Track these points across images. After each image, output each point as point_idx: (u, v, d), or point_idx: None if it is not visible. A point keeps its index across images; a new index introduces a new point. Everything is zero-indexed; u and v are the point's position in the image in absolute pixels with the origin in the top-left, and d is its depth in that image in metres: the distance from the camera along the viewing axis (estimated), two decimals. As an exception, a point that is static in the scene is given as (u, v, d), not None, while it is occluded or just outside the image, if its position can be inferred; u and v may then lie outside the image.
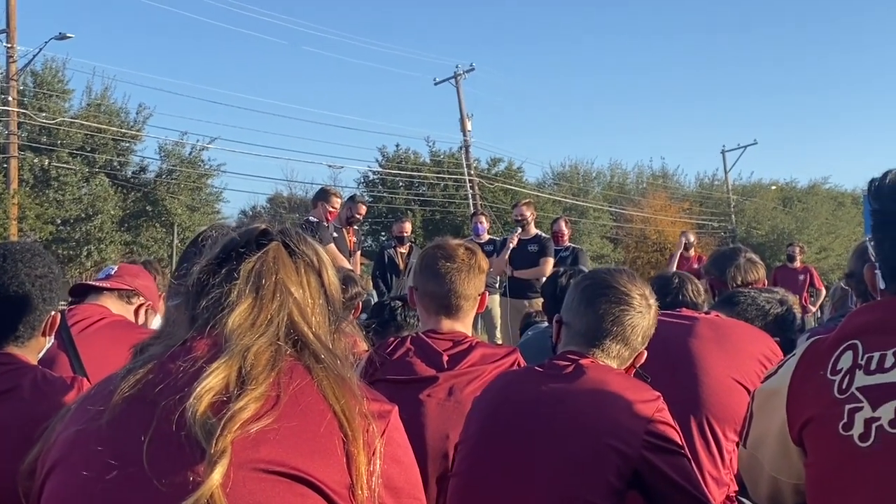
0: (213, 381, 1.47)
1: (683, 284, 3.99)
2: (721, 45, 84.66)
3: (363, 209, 10.94)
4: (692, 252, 14.03)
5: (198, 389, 1.45)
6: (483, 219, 11.79)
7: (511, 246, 10.58)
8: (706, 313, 3.45)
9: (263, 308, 1.62)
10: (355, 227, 10.76)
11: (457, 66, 37.14)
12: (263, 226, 1.74)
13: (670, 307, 3.67)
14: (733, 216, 48.73)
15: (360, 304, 5.08)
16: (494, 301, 10.92)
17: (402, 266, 10.86)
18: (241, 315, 1.59)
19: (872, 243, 2.08)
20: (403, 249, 11.13)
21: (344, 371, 1.64)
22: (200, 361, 1.52)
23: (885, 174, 2.05)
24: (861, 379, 1.91)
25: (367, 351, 3.31)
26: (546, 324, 5.39)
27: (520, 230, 10.87)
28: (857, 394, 1.90)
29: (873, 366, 1.91)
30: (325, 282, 1.75)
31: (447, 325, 3.16)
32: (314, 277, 1.73)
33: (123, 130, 30.70)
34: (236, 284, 1.63)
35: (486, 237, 11.39)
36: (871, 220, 2.08)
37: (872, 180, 2.08)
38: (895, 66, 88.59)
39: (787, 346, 3.34)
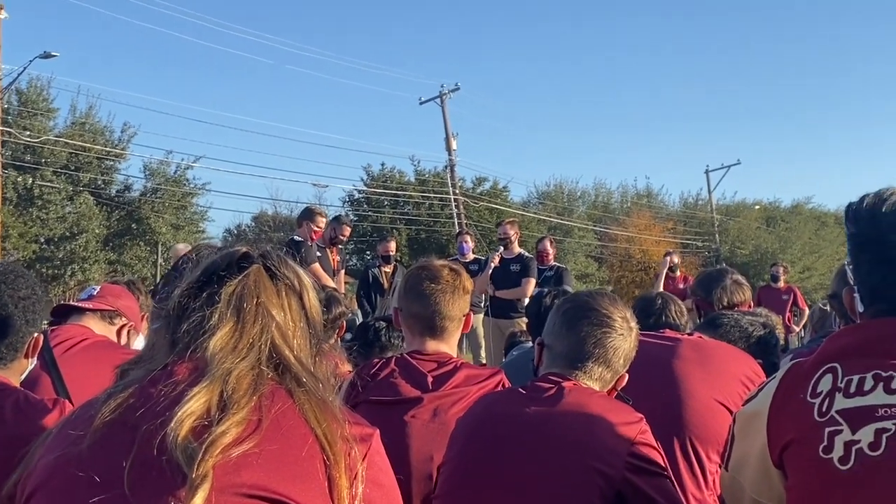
0: (194, 405, 1.47)
1: (666, 305, 4.00)
2: (705, 64, 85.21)
3: (347, 230, 10.95)
4: (678, 272, 14.08)
5: (179, 414, 1.45)
6: (468, 238, 11.81)
7: (493, 265, 10.59)
8: (689, 334, 3.47)
9: (245, 332, 1.62)
10: (339, 246, 10.75)
11: (442, 86, 37.34)
12: (244, 249, 1.74)
13: (653, 328, 3.68)
14: (717, 235, 48.92)
15: (345, 323, 5.08)
16: (478, 320, 10.92)
17: (386, 285, 10.83)
18: (223, 339, 1.59)
19: (851, 266, 2.10)
20: (388, 269, 11.10)
21: (326, 394, 1.64)
22: (181, 386, 1.52)
23: (863, 198, 2.07)
24: (841, 402, 1.92)
25: (351, 372, 3.31)
26: (531, 344, 5.40)
27: (502, 249, 10.88)
28: (837, 417, 1.91)
29: (853, 389, 1.92)
30: (307, 304, 1.75)
31: (432, 345, 3.16)
32: (295, 300, 1.73)
33: (108, 149, 30.64)
34: (217, 308, 1.62)
35: (471, 256, 11.40)
36: (849, 243, 2.10)
37: (850, 204, 2.10)
38: (877, 87, 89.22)
39: (770, 369, 3.35)
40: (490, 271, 10.55)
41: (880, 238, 1.99)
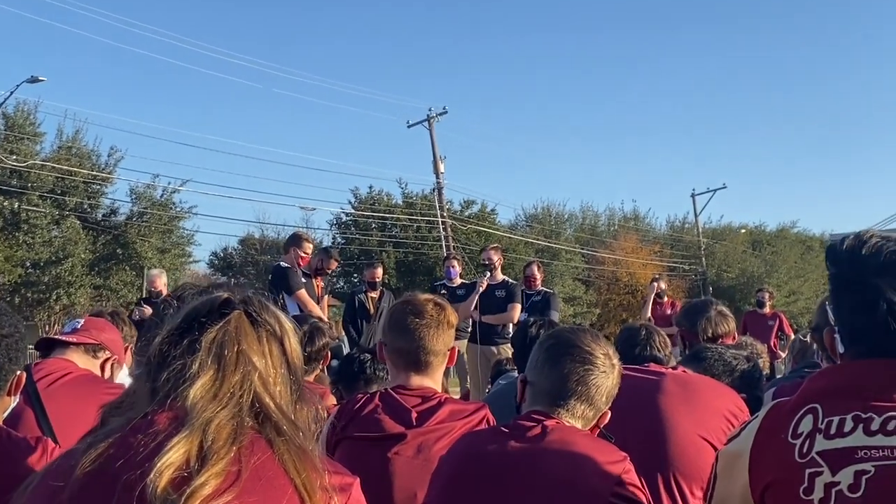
0: (173, 456, 1.46)
1: (650, 336, 4.02)
2: (691, 89, 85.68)
3: (334, 265, 10.99)
4: (665, 298, 14.12)
5: (158, 465, 1.44)
6: (455, 262, 11.80)
7: (480, 290, 10.58)
8: (673, 368, 3.47)
9: (225, 379, 1.61)
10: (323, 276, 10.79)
11: (430, 109, 37.47)
12: (226, 294, 1.73)
13: (638, 359, 3.69)
14: (704, 259, 49.06)
15: (329, 352, 5.09)
16: (463, 346, 10.91)
17: (372, 311, 10.81)
18: (203, 387, 1.58)
19: (832, 307, 2.11)
20: (374, 294, 11.10)
21: (306, 443, 1.63)
22: (161, 436, 1.51)
23: (843, 239, 2.08)
24: (821, 443, 1.93)
25: (336, 405, 3.30)
26: (517, 373, 5.40)
27: (489, 274, 10.87)
28: (818, 458, 1.92)
29: (833, 430, 1.93)
30: (287, 350, 1.74)
31: (416, 380, 3.16)
32: (276, 346, 1.73)
33: (94, 173, 30.59)
34: (198, 356, 1.62)
35: (458, 281, 11.42)
36: (830, 283, 2.11)
37: (832, 245, 2.11)
38: (861, 110, 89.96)
39: (754, 403, 3.36)
40: (476, 297, 10.55)
41: (861, 280, 2.00)
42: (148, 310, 10.00)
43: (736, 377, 3.54)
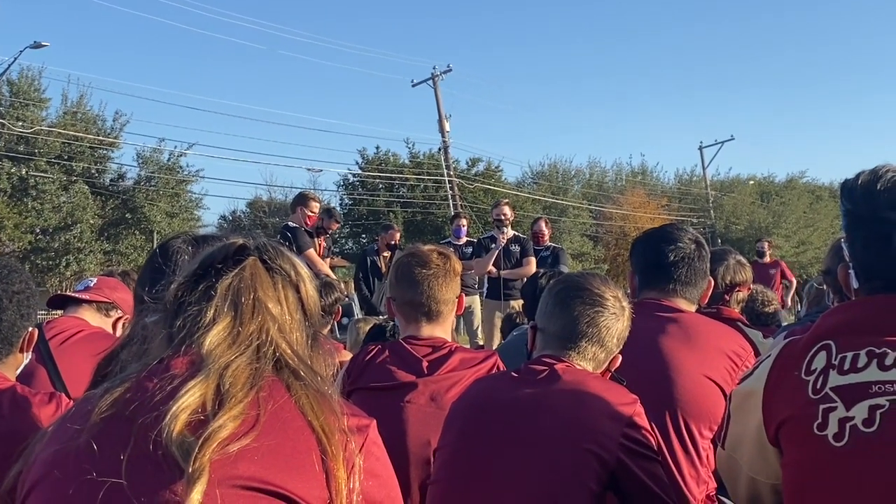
0: (189, 399, 1.47)
1: None
2: (698, 41, 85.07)
3: (335, 225, 11.13)
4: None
5: (173, 409, 1.44)
6: (463, 221, 11.85)
7: (501, 245, 10.59)
8: None
9: (242, 326, 1.61)
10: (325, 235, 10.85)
11: (434, 68, 37.14)
12: (240, 241, 1.72)
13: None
14: (712, 212, 48.93)
15: (340, 308, 5.14)
16: (475, 302, 10.94)
17: (384, 269, 10.87)
18: (220, 334, 1.58)
19: (846, 243, 2.10)
20: (387, 254, 11.18)
21: (323, 387, 1.64)
22: (177, 380, 1.51)
23: (858, 175, 2.07)
24: (835, 379, 1.93)
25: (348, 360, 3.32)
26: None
27: (505, 230, 10.85)
28: (832, 394, 1.92)
29: (846, 366, 1.93)
30: (303, 297, 1.74)
31: (426, 330, 3.18)
32: (292, 293, 1.72)
33: (101, 138, 30.54)
34: (214, 302, 1.61)
35: (465, 239, 11.44)
36: (843, 220, 2.10)
37: (846, 181, 2.09)
38: (870, 59, 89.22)
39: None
40: (497, 253, 10.55)
41: (876, 215, 1.99)
42: None
43: None
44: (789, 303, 14.07)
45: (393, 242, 11.36)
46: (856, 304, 2.08)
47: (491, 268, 10.61)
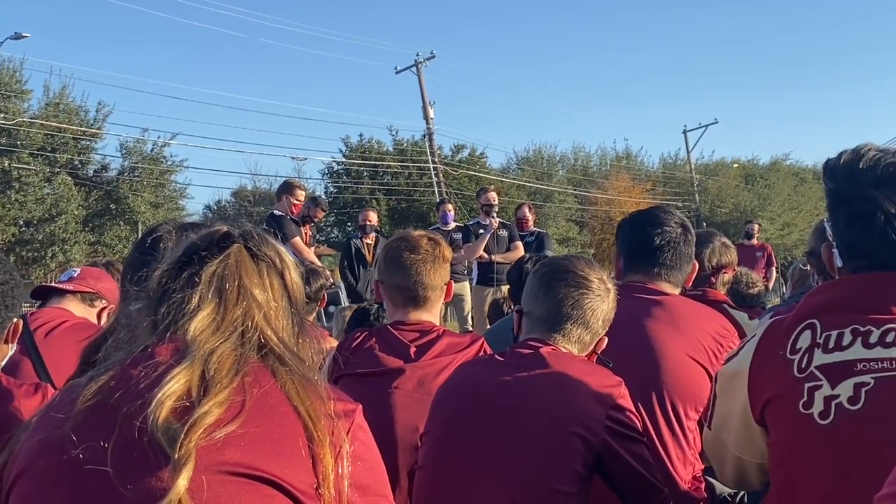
0: (174, 386, 1.46)
1: None
2: (679, 24, 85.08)
3: (321, 214, 11.18)
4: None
5: (158, 396, 1.44)
6: (450, 207, 11.84)
7: (492, 231, 10.62)
8: None
9: (227, 313, 1.61)
10: (311, 224, 10.84)
11: (417, 54, 37.01)
12: (225, 228, 1.72)
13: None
14: (697, 195, 48.98)
15: (326, 296, 5.14)
16: (465, 288, 10.94)
17: (369, 257, 10.84)
18: (204, 320, 1.58)
19: (829, 223, 2.11)
20: (369, 240, 11.12)
21: (309, 373, 1.64)
22: (162, 367, 1.50)
23: (840, 154, 2.07)
24: (820, 357, 1.94)
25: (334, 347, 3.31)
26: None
27: (495, 216, 10.88)
28: (817, 372, 1.93)
29: (831, 344, 1.94)
30: (288, 283, 1.74)
31: (414, 315, 3.17)
32: (277, 280, 1.72)
33: (83, 129, 30.37)
34: (198, 289, 1.61)
35: (452, 225, 11.43)
36: (827, 199, 2.11)
37: (828, 160, 2.10)
38: (854, 42, 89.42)
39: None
40: (488, 238, 10.57)
41: (858, 194, 2.00)
42: None
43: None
44: (770, 285, 14.20)
45: (364, 223, 11.31)
46: (839, 283, 2.09)
47: (482, 253, 10.63)
